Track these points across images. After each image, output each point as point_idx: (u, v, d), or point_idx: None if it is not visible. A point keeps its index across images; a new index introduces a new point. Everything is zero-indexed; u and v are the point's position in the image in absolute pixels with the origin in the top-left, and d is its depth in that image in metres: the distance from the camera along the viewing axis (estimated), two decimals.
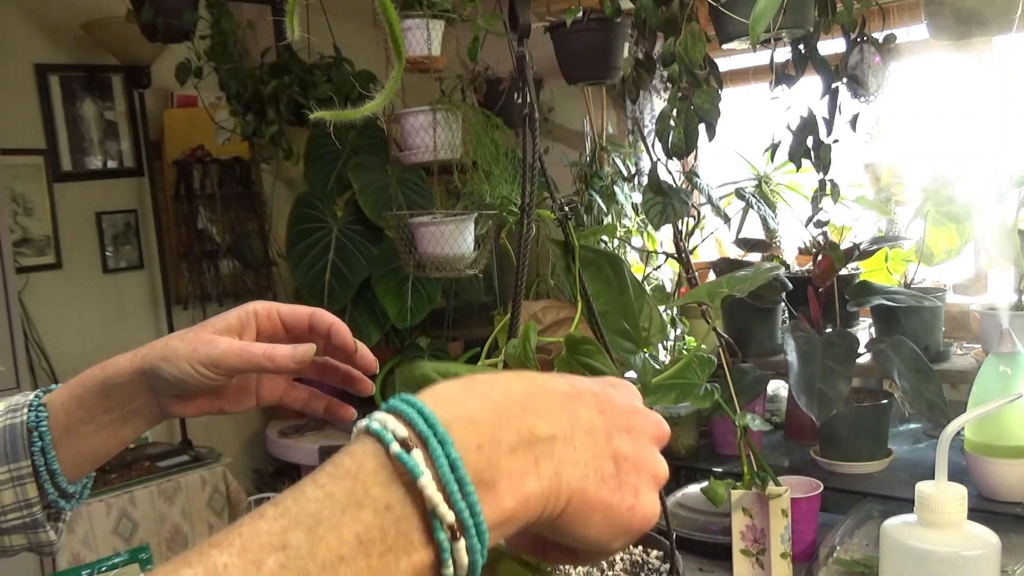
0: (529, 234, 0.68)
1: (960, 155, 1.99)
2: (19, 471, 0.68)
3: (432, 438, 0.38)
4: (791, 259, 2.17)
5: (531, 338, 0.64)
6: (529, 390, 0.42)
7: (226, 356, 0.67)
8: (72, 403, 0.70)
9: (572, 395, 0.44)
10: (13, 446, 0.68)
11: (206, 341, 0.68)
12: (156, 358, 0.68)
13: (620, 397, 0.46)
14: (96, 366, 0.71)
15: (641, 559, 0.79)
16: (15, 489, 0.68)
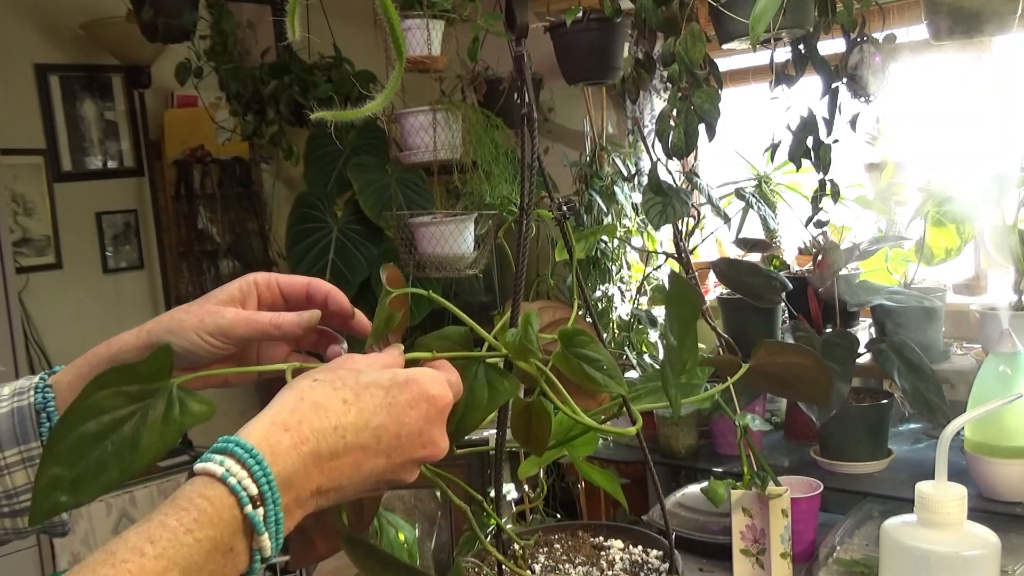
0: (528, 234, 0.68)
1: (960, 155, 1.99)
2: (29, 452, 0.69)
3: (270, 500, 0.50)
4: (791, 259, 2.17)
5: (533, 323, 0.65)
6: (334, 450, 0.54)
7: (234, 325, 0.68)
8: (78, 381, 0.70)
9: (370, 449, 0.56)
10: (23, 428, 0.68)
11: (212, 312, 0.69)
12: (163, 331, 0.69)
13: (413, 425, 0.57)
14: (102, 344, 0.71)
15: (641, 559, 0.79)
16: (27, 470, 0.69)
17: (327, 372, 0.58)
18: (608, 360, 0.64)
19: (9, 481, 0.68)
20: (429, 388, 0.58)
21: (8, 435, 0.68)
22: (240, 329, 0.68)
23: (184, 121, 3.00)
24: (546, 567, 0.78)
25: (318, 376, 0.57)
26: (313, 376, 0.57)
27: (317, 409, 0.54)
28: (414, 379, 0.58)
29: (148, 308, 3.00)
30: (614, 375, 0.65)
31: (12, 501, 0.68)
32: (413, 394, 0.57)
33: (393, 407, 0.56)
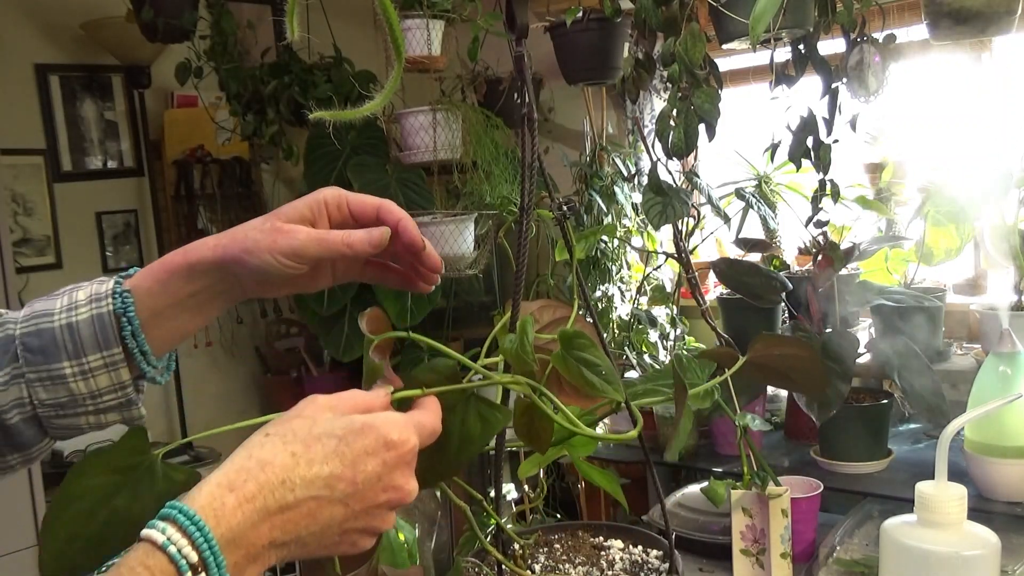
0: (528, 234, 0.68)
1: (960, 155, 1.99)
2: (112, 357, 0.71)
3: (213, 565, 0.52)
4: (791, 259, 2.17)
5: (528, 332, 0.64)
6: (283, 503, 0.55)
7: (306, 246, 0.69)
8: (157, 287, 0.73)
9: (324, 498, 0.56)
10: (104, 334, 0.71)
11: (285, 232, 0.70)
12: (238, 250, 0.70)
13: (371, 472, 0.57)
14: (178, 251, 0.73)
15: (641, 559, 0.79)
16: (109, 373, 0.71)
17: (281, 424, 0.58)
18: (607, 365, 0.64)
19: (94, 383, 0.71)
20: (388, 434, 0.58)
21: (90, 341, 0.71)
22: (313, 249, 0.70)
23: (184, 121, 3.00)
24: (546, 567, 0.79)
25: (270, 431, 0.58)
26: (265, 431, 0.58)
27: (264, 466, 0.55)
28: (371, 425, 0.58)
29: None
30: (612, 381, 0.65)
31: (96, 401, 0.72)
32: (369, 440, 0.57)
33: (346, 455, 0.57)
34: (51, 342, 0.71)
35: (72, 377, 0.71)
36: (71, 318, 0.71)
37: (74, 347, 0.70)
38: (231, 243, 0.71)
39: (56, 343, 0.70)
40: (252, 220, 0.73)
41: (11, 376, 0.71)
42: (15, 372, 0.71)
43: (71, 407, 0.72)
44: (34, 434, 0.73)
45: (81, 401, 0.72)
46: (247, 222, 0.73)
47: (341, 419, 0.58)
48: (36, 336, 0.71)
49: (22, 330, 0.71)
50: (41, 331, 0.71)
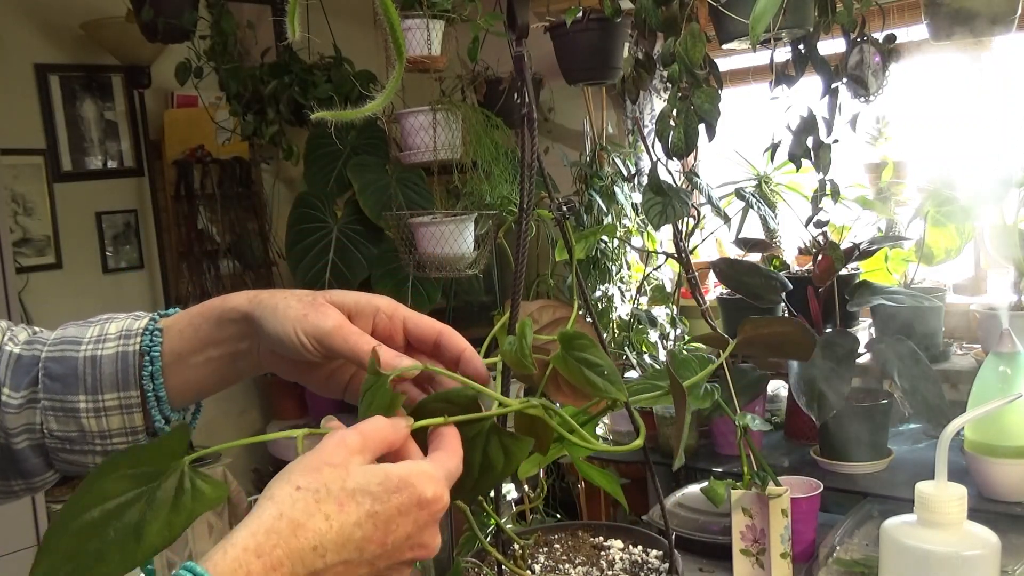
0: (527, 234, 0.68)
1: (960, 155, 1.99)
2: (128, 399, 0.69)
3: None
4: (791, 259, 2.17)
5: (527, 335, 0.64)
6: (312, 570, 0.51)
7: (332, 335, 0.64)
8: (189, 330, 0.71)
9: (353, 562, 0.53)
10: (124, 374, 0.69)
11: (319, 311, 0.65)
12: (267, 308, 0.67)
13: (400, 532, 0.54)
14: (220, 297, 0.71)
15: (641, 559, 0.79)
16: (123, 416, 0.70)
17: (312, 475, 0.53)
18: (608, 365, 0.64)
19: (106, 423, 0.69)
20: (423, 492, 0.54)
21: (110, 379, 0.69)
22: (336, 342, 0.64)
23: (184, 121, 3.00)
24: (546, 567, 0.78)
25: (301, 483, 0.53)
26: (295, 483, 0.53)
27: (295, 529, 0.51)
28: (407, 483, 0.54)
29: (148, 308, 2.95)
30: (614, 380, 0.64)
31: (105, 441, 0.70)
32: (404, 499, 0.54)
33: (380, 515, 0.53)
34: (72, 372, 0.69)
35: (85, 413, 0.69)
36: (97, 351, 0.70)
37: (93, 382, 0.69)
38: (265, 301, 0.67)
39: (76, 375, 0.69)
40: (301, 291, 0.69)
41: (27, 400, 0.69)
42: (31, 396, 0.69)
43: (79, 443, 0.70)
44: (40, 464, 0.71)
45: (90, 439, 0.70)
46: (297, 291, 0.69)
47: (375, 472, 0.54)
48: (59, 363, 0.69)
49: (48, 353, 0.70)
50: (65, 359, 0.70)
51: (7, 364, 0.70)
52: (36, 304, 2.71)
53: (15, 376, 0.70)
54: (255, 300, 0.68)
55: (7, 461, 0.71)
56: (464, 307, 2.91)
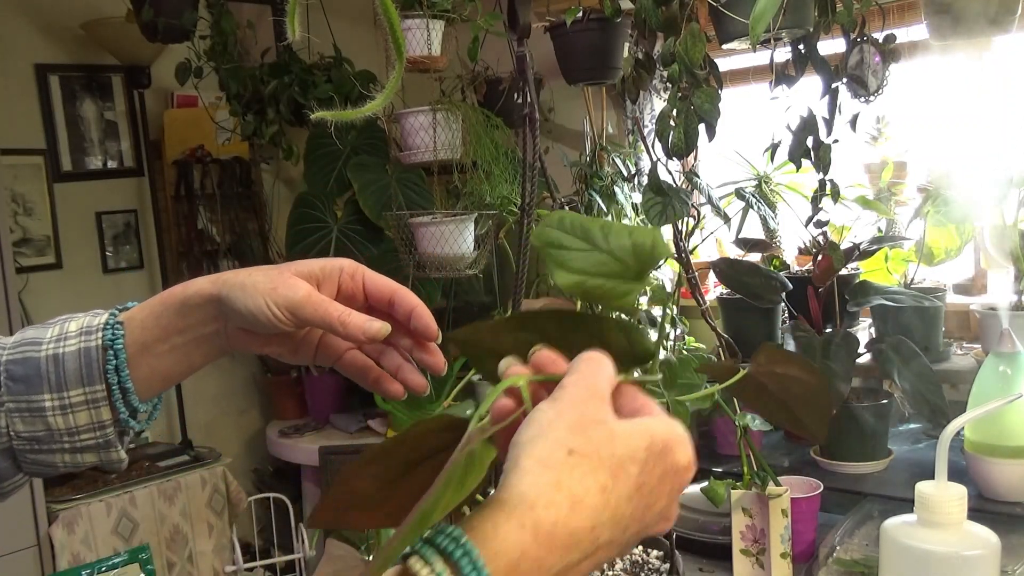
0: (528, 233, 0.68)
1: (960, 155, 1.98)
2: (94, 394, 0.69)
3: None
4: (791, 259, 2.17)
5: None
6: (585, 553, 0.44)
7: (303, 304, 0.66)
8: (150, 320, 0.71)
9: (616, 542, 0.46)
10: (88, 369, 0.69)
11: (286, 283, 0.67)
12: (234, 286, 0.68)
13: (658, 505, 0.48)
14: (180, 284, 0.71)
15: (641, 559, 0.79)
16: (90, 411, 0.69)
17: (581, 434, 0.46)
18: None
19: (72, 420, 0.69)
20: (681, 458, 0.49)
21: (74, 375, 0.69)
22: (308, 311, 0.67)
23: (184, 121, 3.00)
24: None
25: (573, 444, 0.45)
26: (568, 445, 0.45)
27: (575, 505, 0.44)
28: (669, 448, 0.48)
29: None
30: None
31: (74, 439, 0.70)
32: (667, 466, 0.48)
33: (645, 487, 0.47)
34: (35, 372, 0.69)
35: (51, 411, 0.69)
36: (58, 349, 0.70)
37: (57, 379, 0.69)
38: (230, 279, 0.69)
39: (40, 374, 0.69)
40: (263, 266, 0.70)
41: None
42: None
43: (47, 442, 0.69)
44: (7, 467, 0.71)
45: (58, 437, 0.69)
46: (260, 266, 0.71)
47: (640, 435, 0.47)
48: (21, 364, 0.69)
49: (8, 356, 0.70)
50: (27, 359, 0.69)
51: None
52: (36, 304, 2.72)
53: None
54: (219, 281, 0.69)
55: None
56: (464, 307, 2.91)
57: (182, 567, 2.52)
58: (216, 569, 2.59)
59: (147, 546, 1.43)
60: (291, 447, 2.85)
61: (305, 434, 2.90)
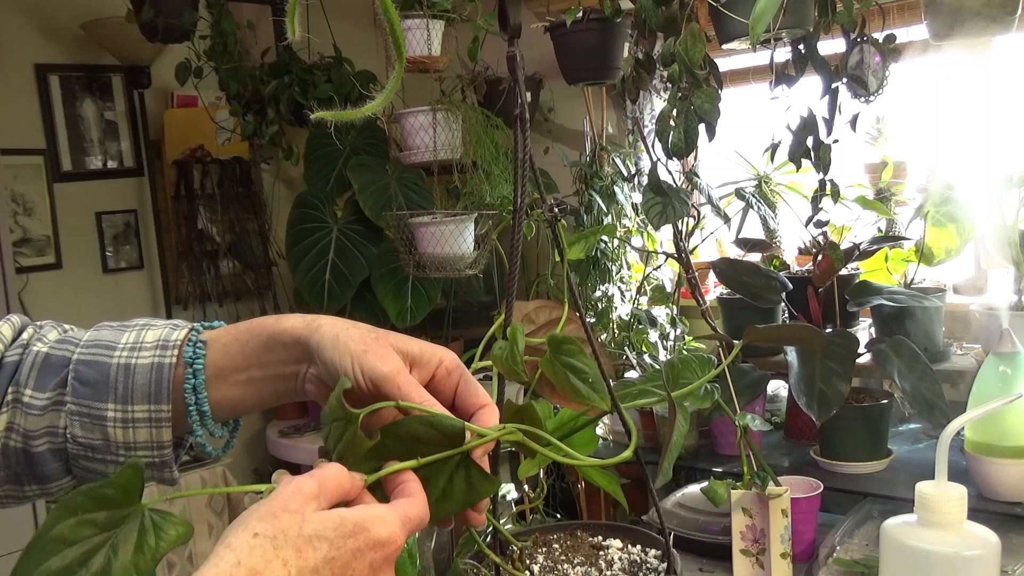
0: (521, 234, 0.68)
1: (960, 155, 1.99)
2: (158, 413, 0.68)
3: None
4: (791, 259, 2.17)
5: (519, 340, 0.64)
6: None
7: (387, 380, 0.63)
8: (234, 346, 0.69)
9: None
10: (158, 387, 0.67)
11: (380, 352, 0.64)
12: (325, 336, 0.65)
13: (358, 574, 0.54)
14: (271, 317, 0.69)
15: (640, 559, 0.79)
16: (151, 429, 0.68)
17: (271, 520, 0.53)
18: (594, 372, 0.64)
19: (132, 435, 0.68)
20: (378, 534, 0.55)
21: (142, 390, 0.67)
22: (390, 389, 0.63)
23: (184, 121, 3.00)
24: (545, 567, 0.78)
25: (259, 528, 0.53)
26: (252, 529, 0.53)
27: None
28: (362, 527, 0.55)
29: (148, 308, 3.00)
30: (598, 389, 0.64)
31: (130, 453, 0.69)
32: (360, 543, 0.54)
33: (336, 561, 0.54)
34: (103, 379, 0.67)
35: (112, 422, 0.67)
36: (131, 359, 0.68)
37: (124, 391, 0.67)
38: (327, 327, 0.66)
39: (107, 382, 0.67)
40: (365, 325, 0.67)
41: (52, 402, 0.67)
42: (57, 398, 0.68)
43: (102, 451, 0.68)
44: (58, 468, 0.70)
45: (114, 449, 0.68)
46: (359, 323, 0.67)
47: (331, 517, 0.55)
48: (91, 367, 0.68)
49: (80, 355, 0.68)
50: (98, 363, 0.68)
51: (33, 363, 0.69)
52: (36, 304, 2.72)
53: (41, 376, 0.68)
54: (313, 326, 0.66)
55: (24, 465, 0.69)
56: (464, 307, 2.91)
57: (182, 567, 2.52)
58: None
59: None
60: (291, 447, 2.85)
61: (305, 434, 2.90)
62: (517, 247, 0.68)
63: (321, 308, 2.68)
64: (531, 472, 0.89)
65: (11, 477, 0.70)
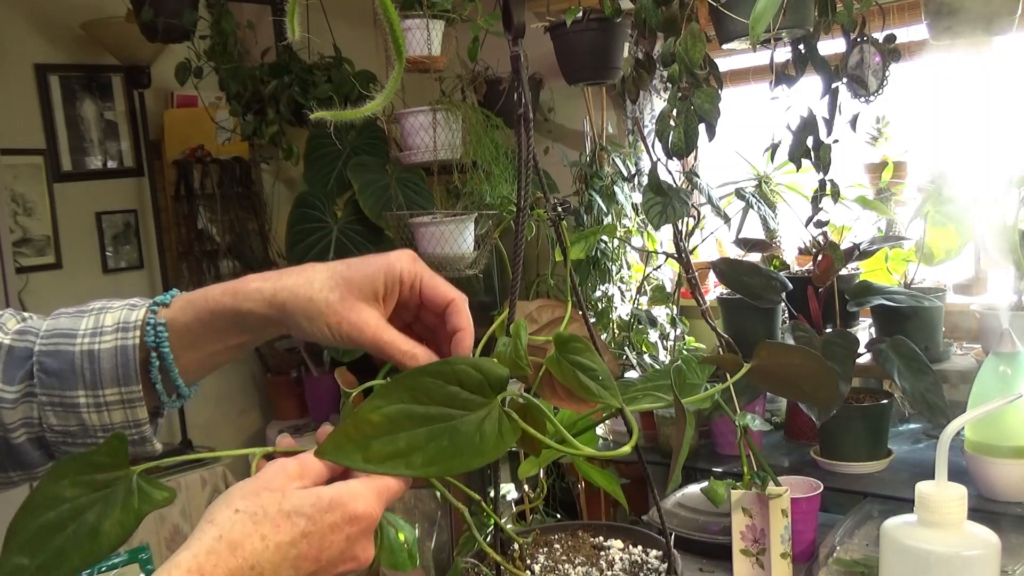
0: (524, 233, 0.68)
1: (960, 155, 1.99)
2: (130, 394, 0.69)
3: None
4: (791, 259, 2.16)
5: (522, 336, 0.64)
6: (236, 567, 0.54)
7: (368, 341, 0.66)
8: (198, 326, 0.69)
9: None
10: (125, 369, 0.68)
11: (353, 318, 0.65)
12: (298, 312, 0.66)
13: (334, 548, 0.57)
14: (226, 291, 0.68)
15: (640, 559, 0.79)
16: (125, 410, 0.69)
17: (251, 499, 0.56)
18: (603, 369, 0.64)
19: (108, 417, 0.69)
20: (354, 509, 0.57)
21: (110, 374, 0.68)
22: (371, 347, 0.66)
23: (184, 121, 3.00)
24: (545, 567, 0.78)
25: (240, 505, 0.56)
26: (235, 505, 0.56)
27: (234, 549, 0.55)
28: (338, 502, 0.57)
29: None
30: (608, 386, 0.64)
31: (108, 434, 0.69)
32: (336, 517, 0.57)
33: (313, 535, 0.56)
34: (68, 367, 0.67)
35: (86, 408, 0.68)
36: (93, 345, 0.68)
37: (92, 377, 0.68)
38: (291, 301, 0.66)
39: (73, 370, 0.67)
40: (318, 272, 0.67)
41: (23, 394, 0.68)
42: (28, 391, 0.68)
43: (80, 436, 0.69)
44: (40, 456, 0.71)
45: (92, 432, 0.69)
46: (311, 272, 0.67)
47: (309, 494, 0.57)
48: (54, 357, 0.68)
49: (42, 347, 0.68)
50: (60, 353, 0.68)
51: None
52: (36, 304, 2.72)
53: (8, 369, 0.68)
54: (277, 304, 0.67)
55: (6, 455, 0.70)
56: None
57: None
58: None
59: (147, 546, 1.43)
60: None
61: (305, 434, 2.90)
62: (520, 246, 0.68)
63: None
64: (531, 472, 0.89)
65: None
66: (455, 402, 0.59)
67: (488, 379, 0.60)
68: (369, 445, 0.58)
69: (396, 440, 0.58)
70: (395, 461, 0.58)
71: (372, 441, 0.58)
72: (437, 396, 0.59)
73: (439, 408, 0.59)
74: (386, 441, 0.58)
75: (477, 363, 0.60)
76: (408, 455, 0.58)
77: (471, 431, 0.59)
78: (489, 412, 0.60)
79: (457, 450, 0.58)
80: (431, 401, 0.59)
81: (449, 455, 0.58)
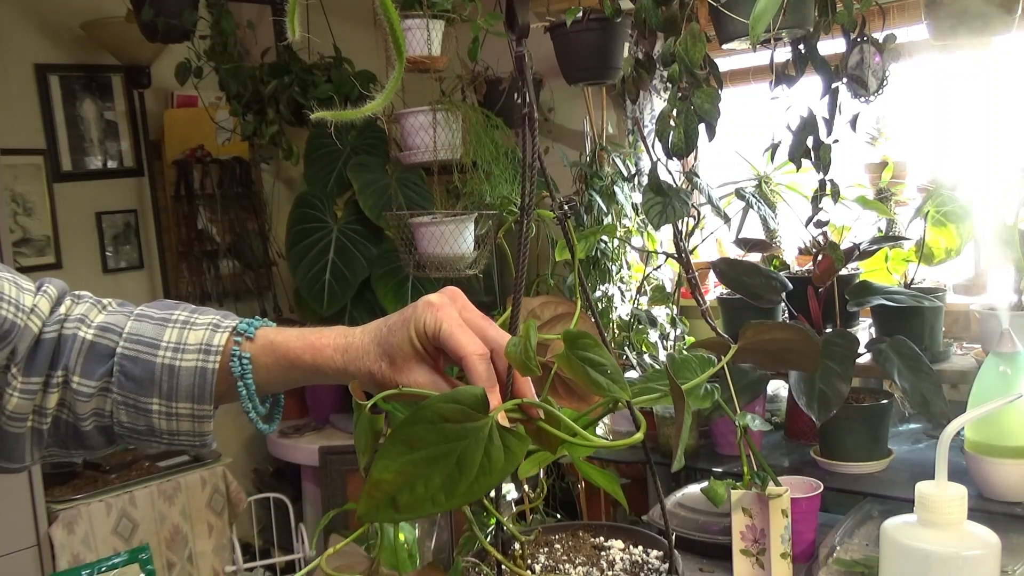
0: (528, 234, 0.68)
1: (960, 155, 1.99)
2: (201, 411, 0.73)
3: None
4: (791, 259, 2.17)
5: (532, 336, 0.64)
6: None
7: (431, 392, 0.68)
8: (277, 370, 0.73)
9: None
10: (201, 389, 0.72)
11: (407, 382, 0.68)
12: (366, 383, 0.70)
13: None
14: (305, 350, 0.72)
15: (641, 559, 0.79)
16: (193, 423, 0.73)
17: None
18: (612, 364, 0.64)
19: (176, 425, 0.73)
20: None
21: (186, 391, 0.72)
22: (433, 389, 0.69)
23: (184, 121, 3.00)
24: (546, 567, 0.78)
25: None
26: None
27: None
28: None
29: None
30: (618, 380, 0.64)
31: (173, 439, 0.74)
32: None
33: None
34: (148, 376, 0.72)
35: (157, 414, 0.72)
36: (175, 361, 0.72)
37: (168, 390, 0.72)
38: (358, 373, 0.70)
39: (152, 379, 0.72)
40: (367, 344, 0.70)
41: (99, 389, 0.72)
42: (104, 386, 0.72)
43: (146, 435, 0.73)
44: (104, 441, 0.75)
45: (157, 434, 0.73)
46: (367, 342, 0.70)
47: None
48: (135, 363, 0.72)
49: (123, 350, 0.72)
50: (141, 360, 0.72)
51: (79, 351, 0.72)
52: None
53: (88, 364, 0.72)
54: (348, 373, 0.71)
55: (72, 439, 0.75)
56: None
57: (182, 567, 2.52)
58: (216, 569, 2.59)
59: (147, 546, 1.43)
60: (291, 447, 2.85)
61: (305, 434, 2.90)
62: (525, 245, 0.68)
63: (321, 308, 2.68)
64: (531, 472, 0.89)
65: (58, 442, 0.76)
66: (449, 436, 0.61)
67: (467, 404, 0.61)
68: (395, 501, 0.59)
69: (414, 488, 0.60)
70: (423, 505, 0.59)
71: (396, 497, 0.59)
72: (430, 438, 0.60)
73: (437, 447, 0.60)
74: (407, 492, 0.59)
75: (450, 395, 0.62)
76: (432, 495, 0.59)
77: (476, 456, 0.60)
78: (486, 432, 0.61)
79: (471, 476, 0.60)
80: (428, 444, 0.60)
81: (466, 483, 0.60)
